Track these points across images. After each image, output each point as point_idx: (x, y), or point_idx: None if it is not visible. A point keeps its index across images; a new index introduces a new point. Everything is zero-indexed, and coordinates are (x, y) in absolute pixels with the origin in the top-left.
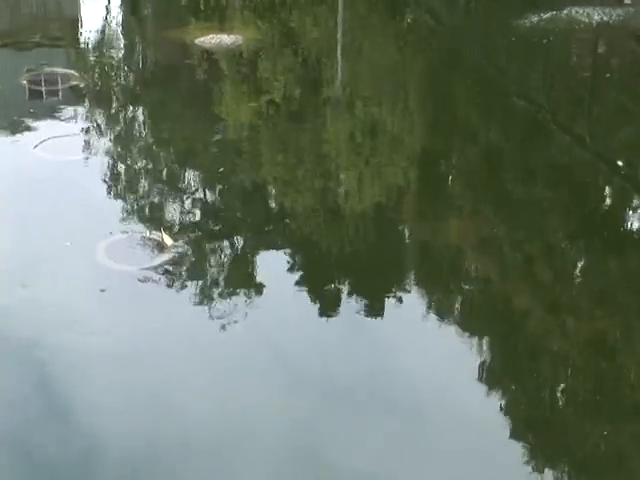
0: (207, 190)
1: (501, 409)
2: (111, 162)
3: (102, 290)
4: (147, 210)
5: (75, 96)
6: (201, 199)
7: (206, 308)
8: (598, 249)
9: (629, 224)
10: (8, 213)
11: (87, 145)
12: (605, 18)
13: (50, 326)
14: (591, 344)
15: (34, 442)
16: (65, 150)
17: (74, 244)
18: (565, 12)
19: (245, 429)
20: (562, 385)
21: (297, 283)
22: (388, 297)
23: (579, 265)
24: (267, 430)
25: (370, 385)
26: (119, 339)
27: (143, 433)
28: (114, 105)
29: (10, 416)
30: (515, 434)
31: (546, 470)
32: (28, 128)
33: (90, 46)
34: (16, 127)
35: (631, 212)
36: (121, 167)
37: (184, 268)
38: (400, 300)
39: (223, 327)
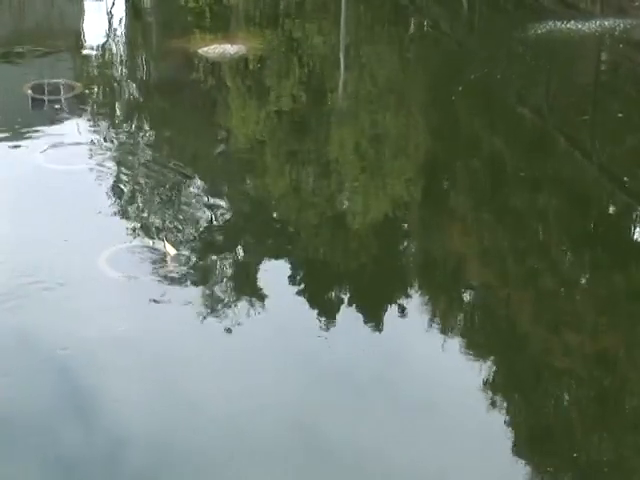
0: (210, 201)
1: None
2: (113, 172)
3: (106, 298)
4: (150, 220)
5: (77, 106)
6: (204, 210)
7: (209, 315)
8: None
9: (633, 237)
10: (10, 222)
11: (89, 155)
12: (608, 29)
13: (52, 332)
14: (595, 359)
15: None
16: (67, 159)
17: (76, 254)
18: (567, 23)
19: (248, 427)
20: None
21: (299, 290)
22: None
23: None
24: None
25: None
26: (123, 343)
27: (142, 427)
28: (116, 115)
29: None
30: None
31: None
32: (31, 137)
33: (93, 56)
34: (20, 135)
35: (635, 226)
36: (124, 177)
37: (187, 277)
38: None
39: (227, 332)
